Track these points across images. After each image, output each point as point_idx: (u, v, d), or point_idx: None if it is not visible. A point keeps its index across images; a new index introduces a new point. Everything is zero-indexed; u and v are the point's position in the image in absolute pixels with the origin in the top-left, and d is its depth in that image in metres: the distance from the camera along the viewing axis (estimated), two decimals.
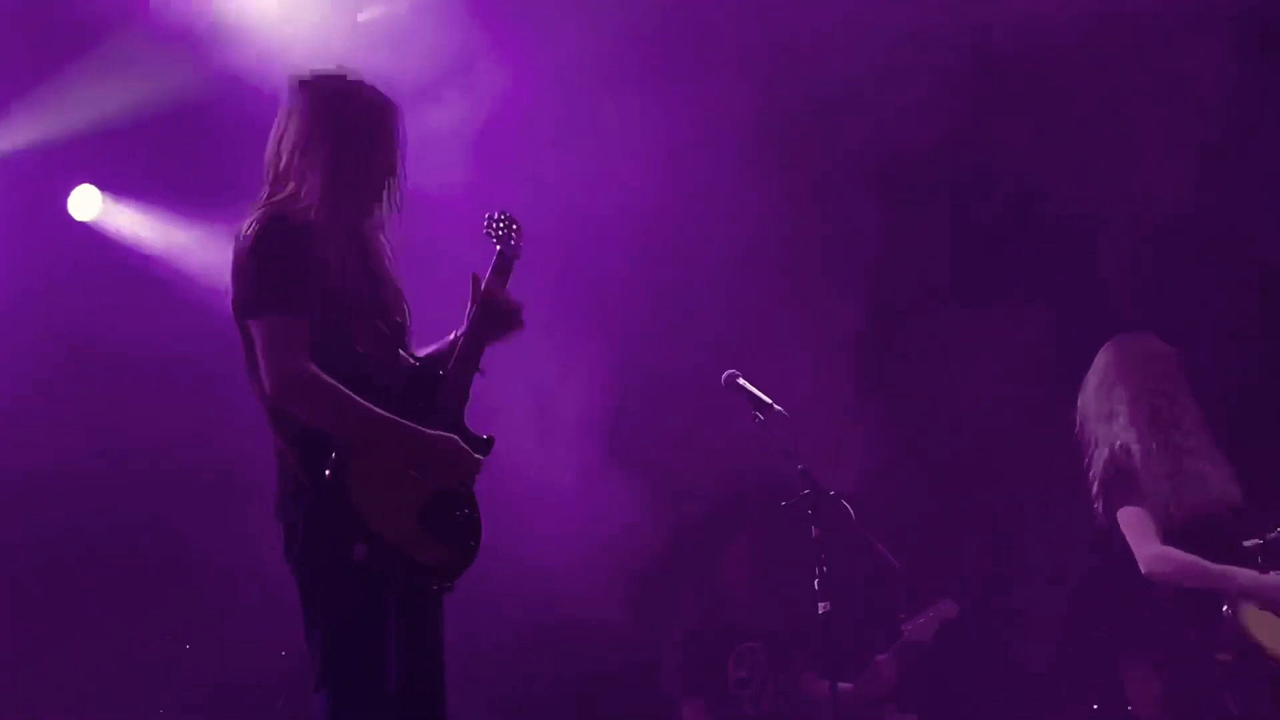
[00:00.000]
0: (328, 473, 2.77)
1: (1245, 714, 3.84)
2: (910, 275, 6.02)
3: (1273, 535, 3.98)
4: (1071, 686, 5.12)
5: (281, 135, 3.04)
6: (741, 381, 3.99)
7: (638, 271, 5.70)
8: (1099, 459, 4.16)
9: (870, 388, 5.71)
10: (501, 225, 3.26)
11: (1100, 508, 4.14)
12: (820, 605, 3.75)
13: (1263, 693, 3.85)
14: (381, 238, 3.11)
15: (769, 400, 3.91)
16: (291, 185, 2.97)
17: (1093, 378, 4.31)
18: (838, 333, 5.75)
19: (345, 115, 3.03)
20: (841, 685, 4.38)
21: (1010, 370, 5.45)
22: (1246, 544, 4.00)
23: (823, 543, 3.81)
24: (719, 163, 5.59)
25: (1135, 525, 4.01)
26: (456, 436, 2.94)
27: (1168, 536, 3.97)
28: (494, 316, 3.11)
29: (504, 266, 3.19)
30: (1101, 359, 4.33)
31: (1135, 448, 4.09)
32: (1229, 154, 5.24)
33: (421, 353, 3.15)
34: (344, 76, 3.11)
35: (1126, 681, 4.45)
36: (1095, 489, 4.16)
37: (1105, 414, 4.20)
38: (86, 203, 6.19)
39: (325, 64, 3.18)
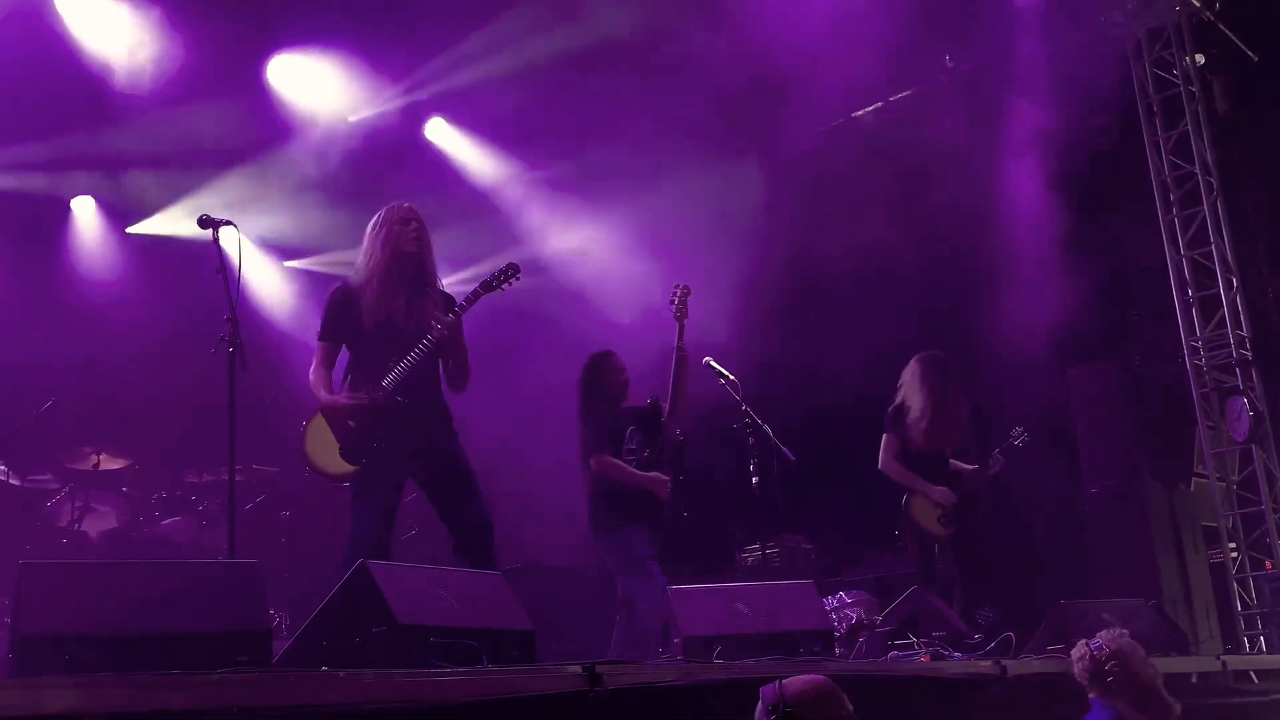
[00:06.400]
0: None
1: (910, 547, 7.25)
2: None
3: (962, 468, 7.24)
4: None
5: None
6: (713, 363, 7.22)
7: None
8: (892, 405, 7.28)
9: None
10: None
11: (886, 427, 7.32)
12: (754, 479, 7.16)
13: (914, 537, 7.15)
14: None
15: (728, 372, 7.18)
16: None
17: (910, 367, 7.27)
18: None
19: None
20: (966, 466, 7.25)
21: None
22: (950, 469, 7.22)
23: (753, 447, 7.18)
24: None
25: (887, 444, 7.26)
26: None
27: (906, 454, 7.15)
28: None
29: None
30: (915, 361, 7.29)
31: (913, 406, 7.15)
32: None
33: None
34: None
35: (909, 508, 7.26)
36: (886, 418, 7.31)
37: (906, 386, 7.24)
38: None
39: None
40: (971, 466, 7.37)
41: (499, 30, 9.01)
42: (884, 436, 7.34)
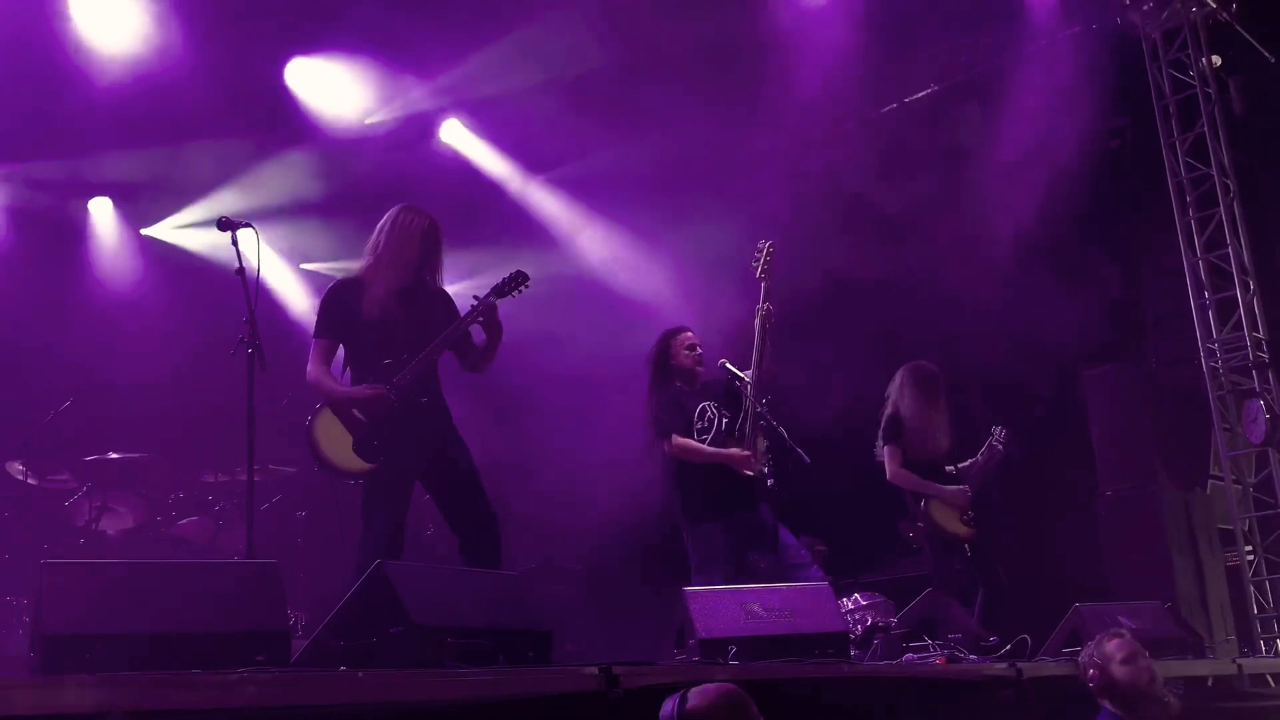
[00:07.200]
0: None
1: (928, 551, 7.23)
2: None
3: (962, 468, 7.30)
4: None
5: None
6: (728, 364, 7.20)
7: None
8: (884, 417, 7.28)
9: None
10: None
11: (879, 443, 7.29)
12: (769, 481, 7.13)
13: (937, 541, 7.11)
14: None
15: (743, 374, 7.16)
16: None
17: (896, 377, 7.36)
18: None
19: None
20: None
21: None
22: (948, 471, 7.24)
23: (768, 449, 7.15)
24: None
25: (891, 455, 7.16)
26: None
27: (906, 463, 7.16)
28: None
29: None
30: (900, 371, 7.36)
31: (902, 415, 7.18)
32: None
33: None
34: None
35: (929, 511, 7.19)
36: (879, 431, 7.29)
37: (894, 396, 7.28)
38: None
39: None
40: (966, 466, 7.38)
41: (515, 39, 9.04)
42: (885, 449, 7.29)
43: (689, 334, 6.89)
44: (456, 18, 8.77)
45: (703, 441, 6.60)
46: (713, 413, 6.66)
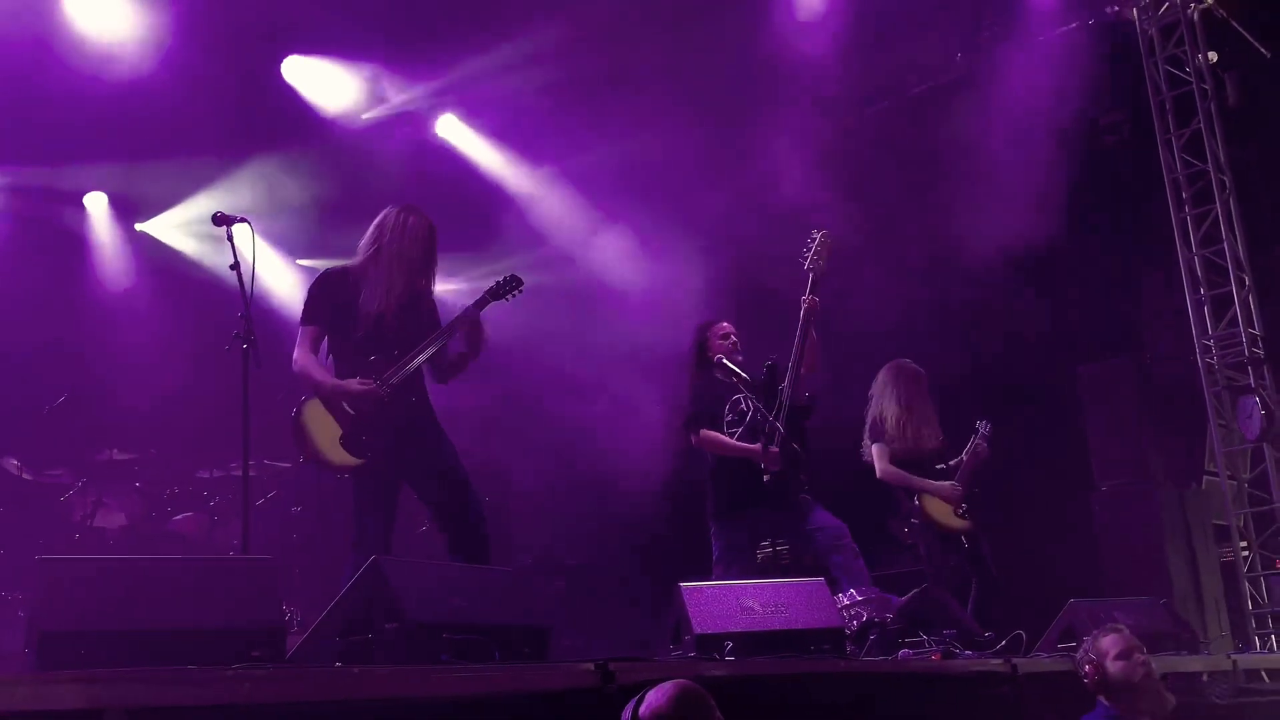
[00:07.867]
0: None
1: (923, 547, 7.20)
2: None
3: (951, 463, 7.28)
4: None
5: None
6: (725, 360, 7.17)
7: None
8: (869, 416, 7.33)
9: None
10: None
11: (865, 442, 7.34)
12: (766, 476, 7.11)
13: (932, 536, 7.14)
14: None
15: (744, 373, 7.09)
16: None
17: (880, 376, 7.41)
18: None
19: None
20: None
21: None
22: (937, 467, 7.22)
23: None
24: None
25: (879, 454, 7.17)
26: None
27: (894, 460, 7.14)
28: None
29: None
30: (884, 370, 7.42)
31: (888, 414, 7.21)
32: None
33: None
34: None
35: (924, 506, 7.21)
36: (865, 431, 7.35)
37: (879, 395, 7.33)
38: None
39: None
40: (955, 461, 7.37)
41: (511, 39, 9.03)
42: (874, 447, 7.30)
43: (724, 324, 6.85)
44: (456, 15, 8.76)
45: (732, 434, 6.55)
46: (746, 405, 6.59)
